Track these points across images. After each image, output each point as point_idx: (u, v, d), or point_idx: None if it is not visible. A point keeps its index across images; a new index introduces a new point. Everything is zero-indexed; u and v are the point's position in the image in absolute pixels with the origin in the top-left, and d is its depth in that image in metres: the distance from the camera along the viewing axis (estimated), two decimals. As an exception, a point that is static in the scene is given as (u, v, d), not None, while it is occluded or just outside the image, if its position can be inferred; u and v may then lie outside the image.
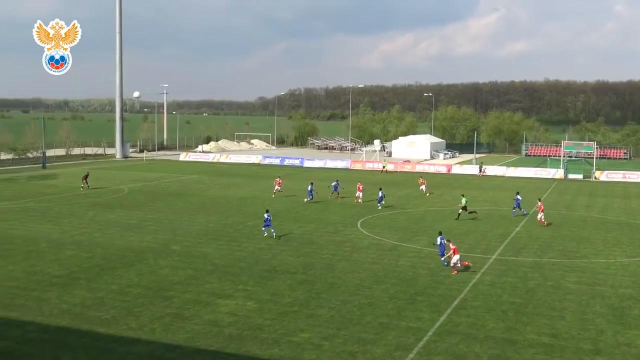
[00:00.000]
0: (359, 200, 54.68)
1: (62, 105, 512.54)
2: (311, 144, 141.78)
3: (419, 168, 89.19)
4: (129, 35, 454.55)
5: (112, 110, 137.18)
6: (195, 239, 38.04)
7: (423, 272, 31.02)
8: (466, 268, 31.28)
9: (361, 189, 55.52)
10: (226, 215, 47.26)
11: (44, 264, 31.57)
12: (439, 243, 32.94)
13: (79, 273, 29.88)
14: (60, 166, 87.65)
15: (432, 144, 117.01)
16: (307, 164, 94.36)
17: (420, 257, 34.30)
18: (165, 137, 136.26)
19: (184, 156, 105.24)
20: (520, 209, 48.86)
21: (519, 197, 49.23)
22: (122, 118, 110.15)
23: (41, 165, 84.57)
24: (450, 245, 31.53)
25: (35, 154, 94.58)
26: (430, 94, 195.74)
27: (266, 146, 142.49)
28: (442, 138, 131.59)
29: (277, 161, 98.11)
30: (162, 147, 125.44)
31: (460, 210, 46.82)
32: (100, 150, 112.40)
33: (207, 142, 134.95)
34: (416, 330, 22.80)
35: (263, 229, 39.42)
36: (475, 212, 48.05)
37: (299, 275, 30.19)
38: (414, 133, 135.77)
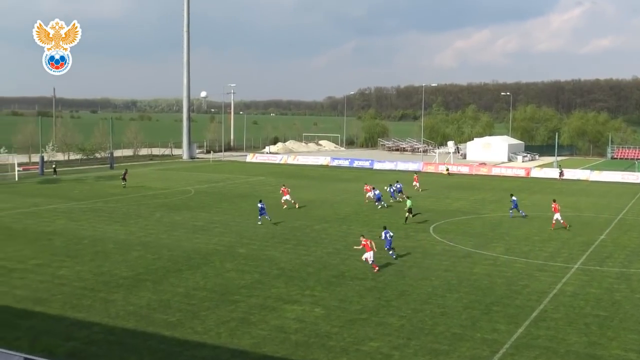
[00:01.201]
0: (367, 202, 55.50)
1: (130, 105, 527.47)
2: (381, 145, 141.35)
3: (496, 171, 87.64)
4: (196, 34, 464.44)
5: (180, 111, 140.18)
6: (262, 242, 38.42)
7: (499, 281, 30.44)
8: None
9: (369, 189, 56.31)
10: (293, 218, 47.53)
11: (111, 264, 32.49)
12: (383, 237, 34.14)
13: (145, 275, 30.63)
14: (127, 167, 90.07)
15: (510, 146, 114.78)
16: (377, 166, 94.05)
17: (496, 265, 33.68)
18: (232, 137, 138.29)
19: (250, 157, 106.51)
20: (519, 211, 49.12)
21: (514, 198, 49.65)
22: (189, 118, 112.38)
23: (109, 165, 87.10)
24: (362, 239, 32.39)
25: (103, 154, 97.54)
26: (507, 93, 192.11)
27: (335, 147, 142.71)
28: (520, 139, 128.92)
29: (345, 163, 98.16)
30: (228, 148, 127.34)
31: (407, 214, 46.29)
32: (167, 151, 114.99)
33: (275, 143, 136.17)
34: (492, 342, 22.36)
35: (259, 217, 44.59)
36: (419, 213, 47.46)
37: (368, 281, 30.08)
38: (490, 134, 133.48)
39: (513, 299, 27.64)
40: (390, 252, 34.34)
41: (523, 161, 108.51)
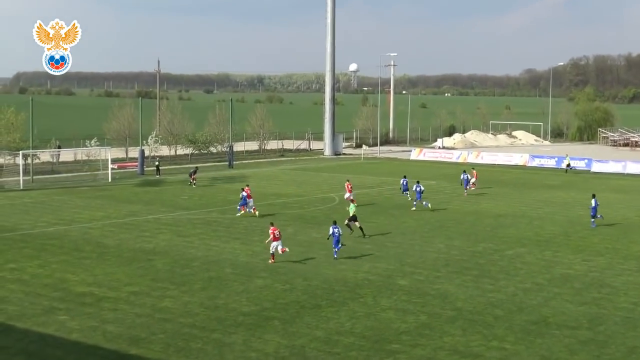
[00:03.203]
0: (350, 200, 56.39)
1: (255, 82, 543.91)
2: (603, 138, 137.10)
3: None
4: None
5: (320, 90, 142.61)
6: (431, 272, 38.27)
7: None
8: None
9: (350, 188, 59.83)
10: (475, 239, 47.02)
11: (228, 296, 33.44)
12: (330, 233, 40.54)
13: (272, 311, 31.28)
14: (251, 165, 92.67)
15: None
16: (597, 167, 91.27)
17: None
18: (391, 126, 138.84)
19: (416, 154, 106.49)
20: (597, 216, 52.04)
21: (595, 201, 52.10)
22: (333, 100, 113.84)
23: (227, 163, 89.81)
24: (270, 230, 39.34)
25: (220, 148, 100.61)
26: None
27: (535, 140, 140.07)
28: None
29: (551, 162, 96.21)
30: (386, 141, 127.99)
31: (347, 221, 47.43)
32: (303, 145, 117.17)
33: (450, 135, 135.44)
34: None
35: (238, 207, 54.31)
36: (356, 228, 47.41)
37: (581, 331, 29.25)
38: None
39: None
40: (338, 246, 40.62)
41: None
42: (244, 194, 54.24)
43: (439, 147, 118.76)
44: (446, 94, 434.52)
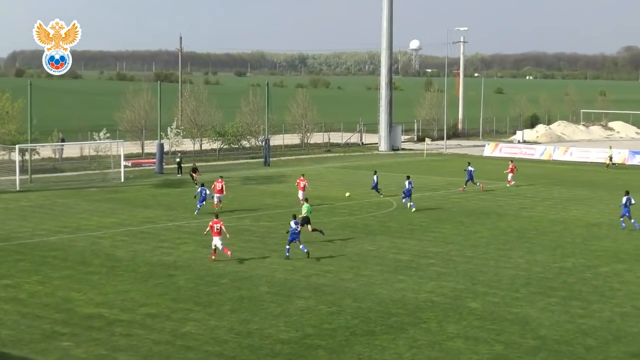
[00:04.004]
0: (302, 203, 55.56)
1: (296, 63, 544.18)
2: None
3: None
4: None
5: (375, 72, 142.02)
6: (508, 292, 38.08)
7: None
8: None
9: (302, 186, 61.55)
10: (563, 252, 46.70)
11: (263, 320, 33.46)
12: (293, 226, 43.91)
13: (316, 338, 31.24)
14: (291, 162, 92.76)
15: None
16: None
17: None
18: (460, 116, 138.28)
19: (491, 149, 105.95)
20: (630, 219, 53.60)
21: (631, 199, 53.46)
22: (390, 84, 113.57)
23: (263, 160, 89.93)
24: (210, 223, 43.18)
25: (254, 142, 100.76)
26: None
27: (636, 133, 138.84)
28: None
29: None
30: (454, 134, 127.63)
31: (311, 229, 48.22)
32: (354, 138, 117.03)
33: (532, 126, 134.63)
34: None
35: (198, 205, 57.97)
36: (320, 230, 48.58)
37: (693, 366, 28.91)
38: None
39: None
40: (301, 246, 43.80)
41: None
42: (205, 189, 58.40)
43: (519, 142, 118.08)
44: (527, 77, 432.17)
